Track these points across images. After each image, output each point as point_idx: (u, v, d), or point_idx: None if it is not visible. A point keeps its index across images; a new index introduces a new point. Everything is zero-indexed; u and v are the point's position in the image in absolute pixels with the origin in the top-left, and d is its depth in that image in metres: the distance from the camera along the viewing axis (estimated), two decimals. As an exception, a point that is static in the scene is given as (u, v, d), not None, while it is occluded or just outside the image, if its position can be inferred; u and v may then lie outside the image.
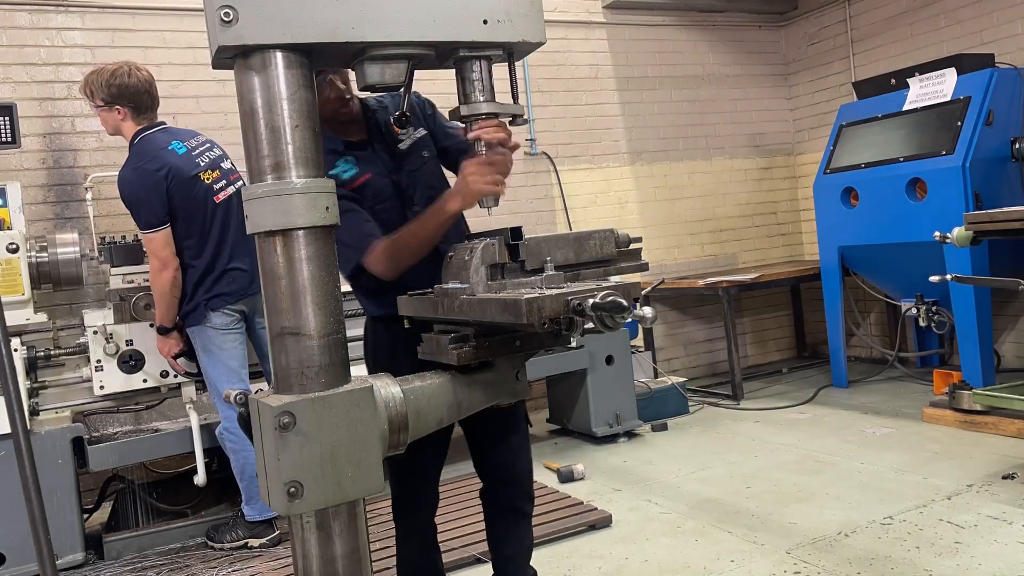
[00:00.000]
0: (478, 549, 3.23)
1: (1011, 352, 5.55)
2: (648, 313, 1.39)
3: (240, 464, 3.48)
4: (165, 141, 3.43)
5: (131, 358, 3.66)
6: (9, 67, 4.46)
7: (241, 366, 3.52)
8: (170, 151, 3.40)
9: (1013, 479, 3.53)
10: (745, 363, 6.53)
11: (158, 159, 3.35)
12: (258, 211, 1.43)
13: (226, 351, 3.46)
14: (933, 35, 5.83)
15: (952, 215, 4.39)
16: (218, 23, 1.36)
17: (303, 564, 1.46)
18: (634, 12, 6.34)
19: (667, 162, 6.50)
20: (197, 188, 3.41)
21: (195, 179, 3.42)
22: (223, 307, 3.44)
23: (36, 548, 1.54)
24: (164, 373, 3.68)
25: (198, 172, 3.44)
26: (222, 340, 3.46)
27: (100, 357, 3.64)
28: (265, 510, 3.53)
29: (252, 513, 3.53)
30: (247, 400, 1.51)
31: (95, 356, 3.64)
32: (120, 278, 3.81)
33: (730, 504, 3.61)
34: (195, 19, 4.84)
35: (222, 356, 3.46)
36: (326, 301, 1.46)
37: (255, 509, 3.53)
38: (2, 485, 3.25)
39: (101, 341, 3.63)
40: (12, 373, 1.52)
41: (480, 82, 1.68)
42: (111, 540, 3.62)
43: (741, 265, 6.79)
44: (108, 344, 3.62)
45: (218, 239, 3.45)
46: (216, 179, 3.49)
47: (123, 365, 3.66)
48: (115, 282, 3.81)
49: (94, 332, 3.63)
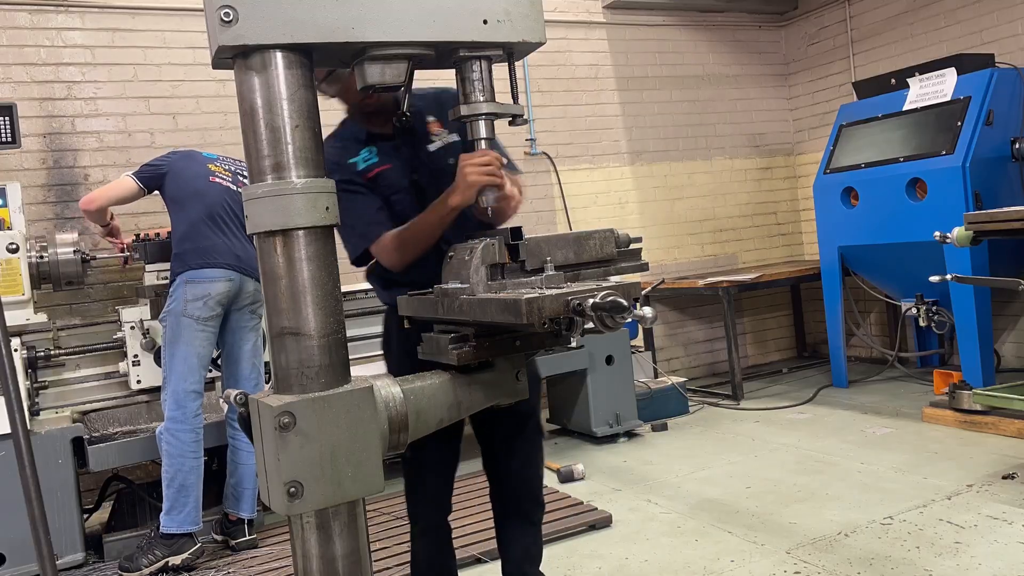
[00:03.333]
0: (478, 549, 3.23)
1: (1011, 352, 5.55)
2: (648, 313, 1.38)
3: (173, 469, 3.30)
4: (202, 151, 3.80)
5: None
6: (9, 67, 4.46)
7: None
8: (193, 152, 3.70)
9: (1013, 479, 3.53)
10: (745, 363, 6.53)
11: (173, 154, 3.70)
12: (258, 211, 1.43)
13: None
14: (933, 35, 5.83)
15: (952, 215, 4.39)
16: (218, 23, 1.36)
17: (303, 564, 1.46)
18: (634, 12, 6.34)
19: (667, 162, 6.50)
20: (198, 168, 3.56)
21: (200, 163, 3.58)
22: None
23: (36, 548, 1.54)
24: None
25: (207, 162, 3.60)
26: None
27: (137, 352, 3.69)
28: (186, 522, 3.31)
29: (171, 525, 3.29)
30: (247, 400, 1.51)
31: (132, 351, 3.70)
32: (155, 274, 3.84)
33: (730, 504, 3.61)
34: (195, 19, 4.84)
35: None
36: (326, 301, 1.46)
37: (175, 520, 3.30)
38: (2, 485, 3.25)
39: (138, 336, 3.65)
40: (12, 373, 1.52)
41: (480, 82, 1.68)
42: (111, 540, 3.61)
43: (741, 265, 6.79)
44: (145, 339, 3.66)
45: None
46: (220, 172, 3.59)
47: (159, 360, 3.68)
48: (150, 278, 3.85)
49: (131, 327, 3.67)
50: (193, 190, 3.48)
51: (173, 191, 3.52)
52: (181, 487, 3.32)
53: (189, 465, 3.33)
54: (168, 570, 3.32)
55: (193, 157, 3.63)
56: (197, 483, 3.36)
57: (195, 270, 3.37)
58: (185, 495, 3.33)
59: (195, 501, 3.36)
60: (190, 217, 3.44)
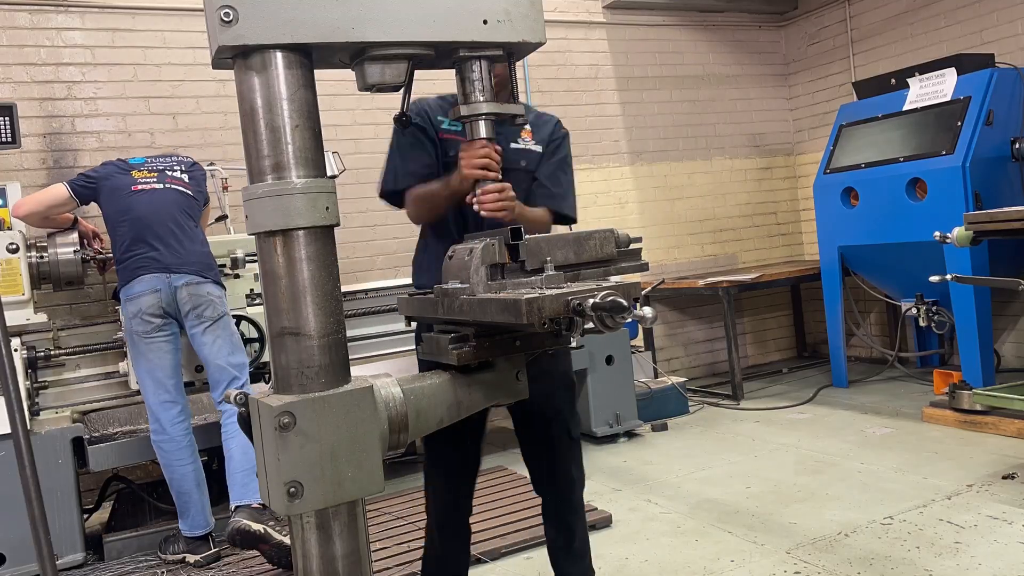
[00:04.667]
0: (478, 549, 3.23)
1: (1011, 352, 5.55)
2: (648, 313, 1.38)
3: (169, 478, 3.42)
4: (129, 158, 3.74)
5: None
6: (9, 67, 4.46)
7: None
8: (120, 160, 3.67)
9: (1013, 479, 3.53)
10: (745, 363, 6.53)
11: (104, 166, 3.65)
12: (258, 211, 1.43)
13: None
14: (933, 35, 5.83)
15: (952, 215, 4.39)
16: (218, 23, 1.36)
17: (303, 564, 1.46)
18: (634, 12, 6.34)
19: (667, 162, 6.50)
20: (123, 179, 3.55)
21: (124, 173, 3.56)
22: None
23: (36, 548, 1.54)
24: (199, 368, 3.70)
25: (131, 170, 3.58)
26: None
27: None
28: (196, 526, 3.42)
29: (185, 529, 3.43)
30: (247, 400, 1.51)
31: None
32: None
33: (730, 504, 3.61)
34: (195, 19, 4.84)
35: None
36: (326, 301, 1.46)
37: (187, 525, 3.43)
38: (2, 485, 3.25)
39: None
40: (12, 373, 1.52)
41: (480, 82, 1.68)
42: (111, 540, 3.61)
43: (741, 265, 6.79)
44: None
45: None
46: (145, 177, 3.57)
47: None
48: None
49: None
50: (118, 209, 3.48)
51: (106, 210, 3.54)
52: (179, 494, 3.42)
53: (180, 472, 3.40)
54: (186, 564, 3.43)
55: (120, 170, 3.58)
56: (194, 488, 3.42)
57: (125, 286, 3.41)
58: (185, 501, 3.41)
59: (197, 504, 3.42)
60: (119, 236, 3.46)
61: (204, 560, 3.41)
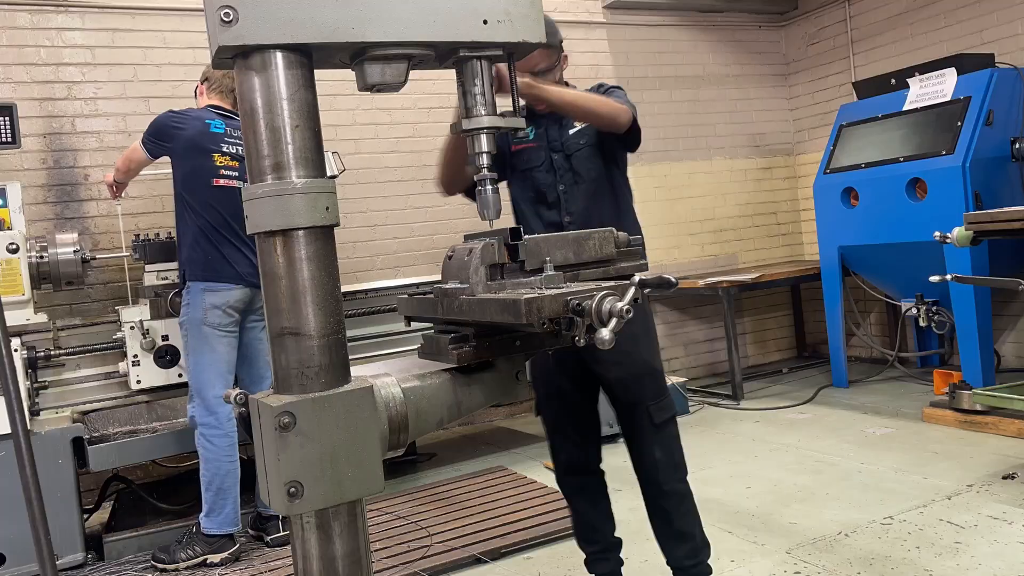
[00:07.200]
0: (478, 549, 3.23)
1: (1011, 352, 5.55)
2: (605, 335, 1.37)
3: (210, 473, 3.37)
4: (210, 116, 3.54)
5: (167, 353, 3.73)
6: (9, 67, 4.46)
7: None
8: (204, 123, 3.50)
9: (1013, 479, 3.53)
10: (745, 363, 6.53)
11: (187, 116, 3.51)
12: (258, 211, 1.43)
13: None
14: (933, 35, 5.84)
15: (952, 215, 4.39)
16: (218, 23, 1.36)
17: (303, 564, 1.46)
18: (634, 12, 6.34)
19: (667, 162, 6.50)
20: (205, 162, 3.45)
21: (206, 153, 3.45)
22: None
23: (36, 548, 1.54)
24: None
25: (214, 152, 3.47)
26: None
27: (137, 352, 3.70)
28: (225, 524, 3.38)
29: (211, 526, 3.37)
30: (247, 400, 1.51)
31: (132, 351, 3.71)
32: (155, 274, 3.85)
33: (730, 504, 3.61)
34: (195, 19, 4.84)
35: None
36: (326, 301, 1.46)
37: (214, 522, 3.37)
38: (2, 485, 3.25)
39: (138, 336, 3.65)
40: (12, 373, 1.52)
41: (483, 95, 1.67)
42: (111, 540, 3.62)
43: (741, 265, 6.79)
44: (144, 339, 3.67)
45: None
46: (227, 165, 3.49)
47: (159, 360, 3.72)
48: (150, 279, 3.86)
49: (131, 327, 3.68)
50: (199, 198, 3.42)
51: (182, 181, 3.45)
52: (219, 490, 3.37)
53: (225, 468, 3.37)
54: (204, 566, 3.39)
55: (197, 142, 3.45)
56: (234, 486, 3.40)
57: (212, 276, 3.39)
58: (223, 498, 3.38)
59: (233, 503, 3.40)
60: (200, 223, 3.41)
61: (231, 556, 3.40)
